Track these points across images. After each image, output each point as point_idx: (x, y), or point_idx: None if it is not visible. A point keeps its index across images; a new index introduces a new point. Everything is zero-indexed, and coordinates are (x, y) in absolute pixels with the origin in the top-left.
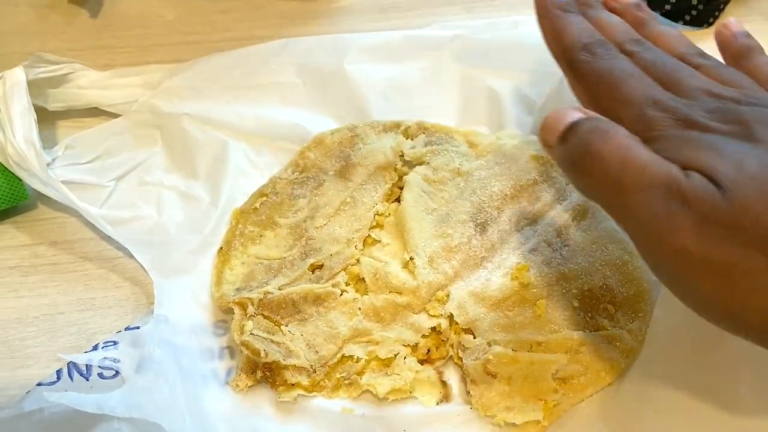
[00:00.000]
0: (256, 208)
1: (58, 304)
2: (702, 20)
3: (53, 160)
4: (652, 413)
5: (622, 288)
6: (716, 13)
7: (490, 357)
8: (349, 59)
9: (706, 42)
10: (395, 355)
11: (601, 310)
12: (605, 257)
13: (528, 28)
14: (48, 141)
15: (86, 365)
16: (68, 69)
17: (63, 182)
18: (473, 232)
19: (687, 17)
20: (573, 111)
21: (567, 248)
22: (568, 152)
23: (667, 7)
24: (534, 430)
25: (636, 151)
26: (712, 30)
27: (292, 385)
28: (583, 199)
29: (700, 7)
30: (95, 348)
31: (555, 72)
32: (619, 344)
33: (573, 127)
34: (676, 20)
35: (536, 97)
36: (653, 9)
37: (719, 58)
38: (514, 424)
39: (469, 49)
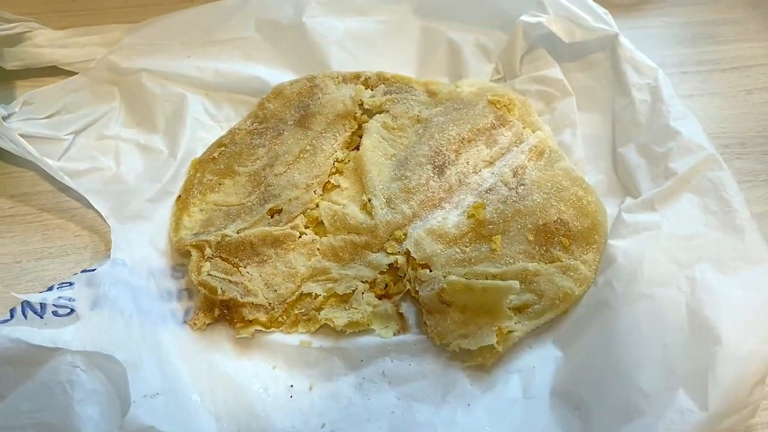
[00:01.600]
0: (214, 157)
1: (15, 253)
2: None
3: (9, 114)
4: (603, 335)
5: (577, 222)
6: None
7: (445, 286)
8: (308, 13)
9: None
10: (353, 291)
11: (555, 243)
12: (560, 194)
13: None
14: (5, 98)
15: (41, 304)
16: (24, 27)
17: (20, 136)
18: (431, 174)
19: None
20: None
21: (523, 187)
22: None
23: None
24: (489, 356)
25: None
26: None
27: (250, 321)
28: (539, 140)
29: None
30: (50, 289)
31: (511, 20)
32: (573, 274)
33: None
34: None
35: (493, 46)
36: None
37: None
38: (469, 351)
39: (428, 2)
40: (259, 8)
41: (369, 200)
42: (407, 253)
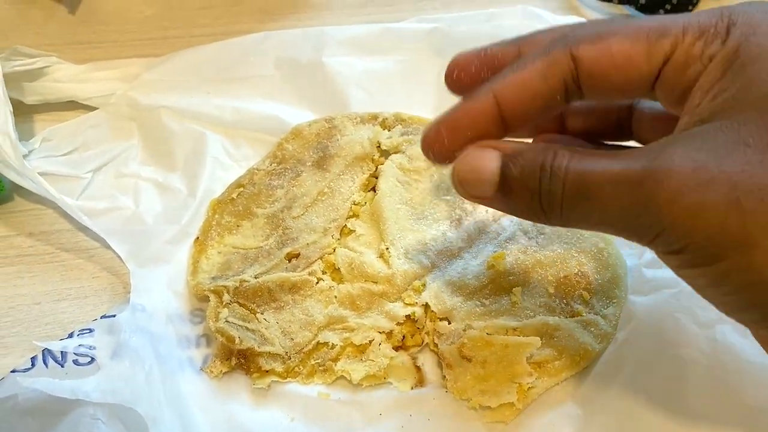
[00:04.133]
0: (233, 198)
1: (35, 294)
2: (684, 4)
3: (30, 152)
4: (623, 395)
5: (597, 274)
6: (690, 8)
7: (465, 340)
8: (327, 52)
9: None
10: (370, 342)
11: (576, 296)
12: (581, 244)
13: (504, 20)
14: (25, 134)
15: (61, 352)
16: (45, 62)
17: (39, 174)
18: (448, 227)
19: (662, 11)
20: (485, 152)
21: (543, 236)
22: (551, 200)
23: (642, 1)
24: (508, 413)
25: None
26: None
27: (266, 371)
28: None
29: (674, 1)
30: (71, 336)
31: None
32: (594, 329)
33: (519, 173)
34: (652, 13)
35: None
36: (628, 3)
37: None
38: (488, 407)
39: (446, 41)
40: (279, 46)
41: (387, 249)
42: (425, 305)
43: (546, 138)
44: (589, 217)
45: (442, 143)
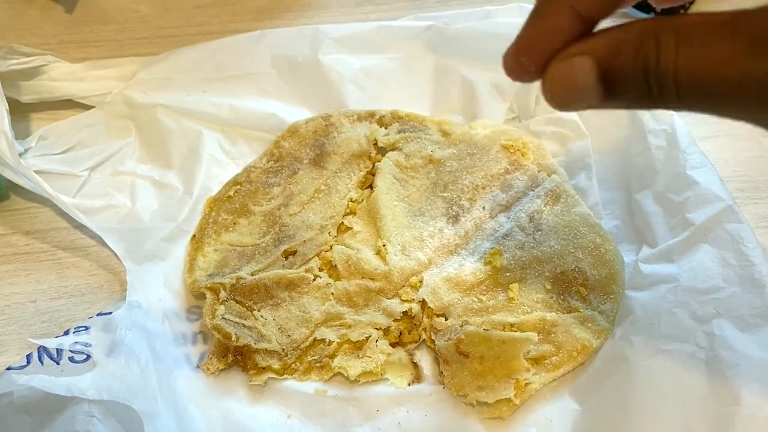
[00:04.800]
0: (229, 196)
1: (31, 292)
2: (672, 12)
3: (26, 150)
4: (621, 390)
5: (595, 270)
6: (686, 6)
7: (462, 336)
8: (323, 50)
9: None
10: (367, 338)
11: (573, 292)
12: (578, 240)
13: (500, 17)
14: (21, 132)
15: (57, 349)
16: (41, 61)
17: (36, 172)
18: (445, 224)
19: (658, 9)
20: (574, 63)
21: (540, 232)
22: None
23: None
24: (506, 409)
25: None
26: None
27: (263, 368)
28: (555, 184)
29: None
30: (66, 333)
31: None
32: (591, 325)
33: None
34: (648, 12)
35: (508, 85)
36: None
37: None
38: (486, 403)
39: (442, 39)
40: (275, 44)
41: (384, 245)
42: (422, 302)
43: None
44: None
45: (525, 59)
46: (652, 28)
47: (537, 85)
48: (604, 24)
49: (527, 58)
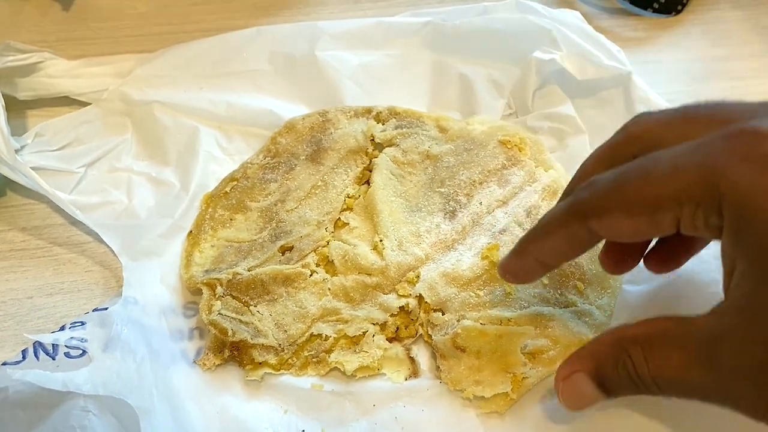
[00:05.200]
0: (226, 192)
1: (27, 288)
2: (669, 8)
3: (22, 147)
4: None
5: (592, 265)
6: (684, 1)
7: (459, 331)
8: (321, 46)
9: (674, 28)
10: (364, 333)
11: (570, 287)
12: None
13: (498, 13)
14: (17, 129)
15: (53, 345)
16: (38, 58)
17: (32, 169)
18: (442, 219)
19: (655, 5)
20: (575, 379)
21: None
22: None
23: None
24: (503, 403)
25: None
26: (678, 18)
27: (260, 363)
28: (552, 179)
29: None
30: (62, 328)
31: (524, 56)
32: (588, 319)
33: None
34: (644, 8)
35: (506, 81)
36: None
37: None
38: (483, 398)
39: (440, 35)
40: (272, 40)
41: (380, 241)
42: (419, 297)
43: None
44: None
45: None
46: (621, 344)
47: (534, 80)
48: None
49: (536, 255)
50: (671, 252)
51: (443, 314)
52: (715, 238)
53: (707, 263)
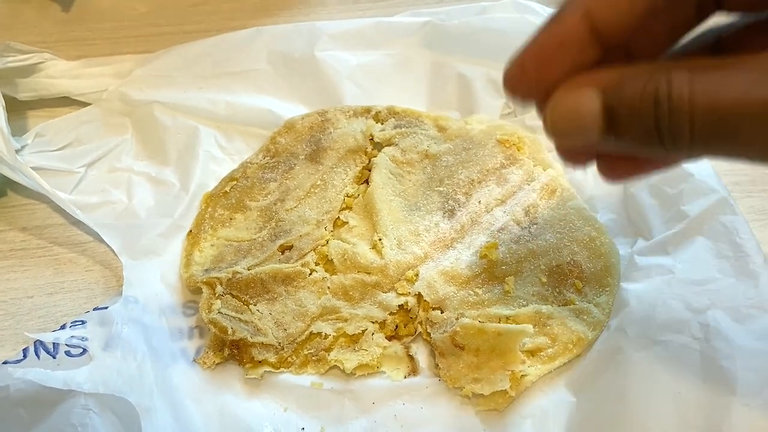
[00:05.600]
0: (226, 192)
1: (27, 288)
2: None
3: (23, 147)
4: (616, 381)
5: (590, 263)
6: None
7: (458, 329)
8: (320, 46)
9: None
10: (363, 332)
11: (569, 285)
12: (573, 234)
13: (496, 13)
14: (18, 129)
15: (53, 343)
16: (38, 58)
17: (33, 169)
18: (441, 218)
19: None
20: (580, 91)
21: (535, 226)
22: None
23: None
24: (502, 401)
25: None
26: None
27: (259, 362)
28: (551, 178)
29: None
30: (63, 327)
31: None
32: (587, 317)
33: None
34: None
35: None
36: None
37: None
38: (482, 395)
39: (439, 35)
40: (271, 41)
41: (380, 239)
42: (418, 295)
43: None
44: (728, 152)
45: (528, 79)
46: (663, 65)
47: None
48: None
49: (532, 65)
50: (627, 160)
51: (442, 312)
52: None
53: (707, 263)
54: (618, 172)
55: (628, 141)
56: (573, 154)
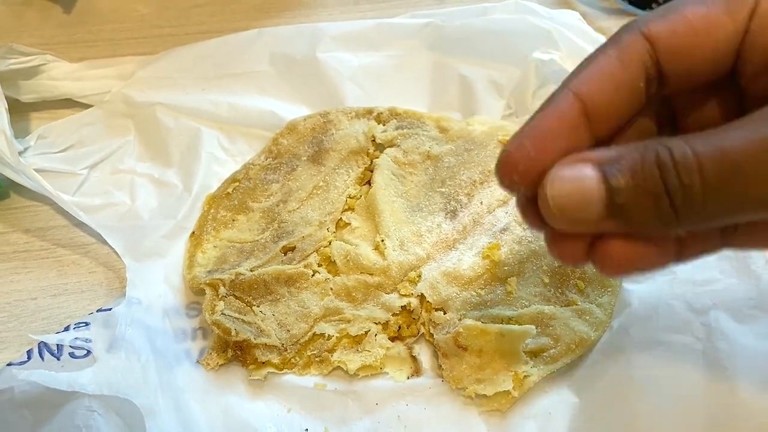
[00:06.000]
0: (228, 193)
1: (31, 290)
2: None
3: (26, 149)
4: (619, 382)
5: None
6: None
7: (461, 330)
8: (321, 47)
9: None
10: (366, 333)
11: (571, 285)
12: None
13: (497, 14)
14: (20, 131)
15: (57, 345)
16: (40, 60)
17: (36, 170)
18: (443, 219)
19: (654, 5)
20: (578, 166)
21: None
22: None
23: None
24: (505, 401)
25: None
26: None
27: (263, 363)
28: None
29: None
30: (66, 329)
31: (523, 57)
32: (589, 318)
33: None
34: (643, 8)
35: (505, 81)
36: None
37: None
38: (485, 396)
39: (440, 36)
40: (273, 42)
41: (382, 241)
42: (421, 296)
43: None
44: (742, 201)
45: (528, 159)
46: (652, 140)
47: (534, 80)
48: None
49: (533, 147)
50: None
51: (445, 313)
52: None
53: (708, 264)
54: (618, 262)
55: (633, 214)
56: (570, 244)
